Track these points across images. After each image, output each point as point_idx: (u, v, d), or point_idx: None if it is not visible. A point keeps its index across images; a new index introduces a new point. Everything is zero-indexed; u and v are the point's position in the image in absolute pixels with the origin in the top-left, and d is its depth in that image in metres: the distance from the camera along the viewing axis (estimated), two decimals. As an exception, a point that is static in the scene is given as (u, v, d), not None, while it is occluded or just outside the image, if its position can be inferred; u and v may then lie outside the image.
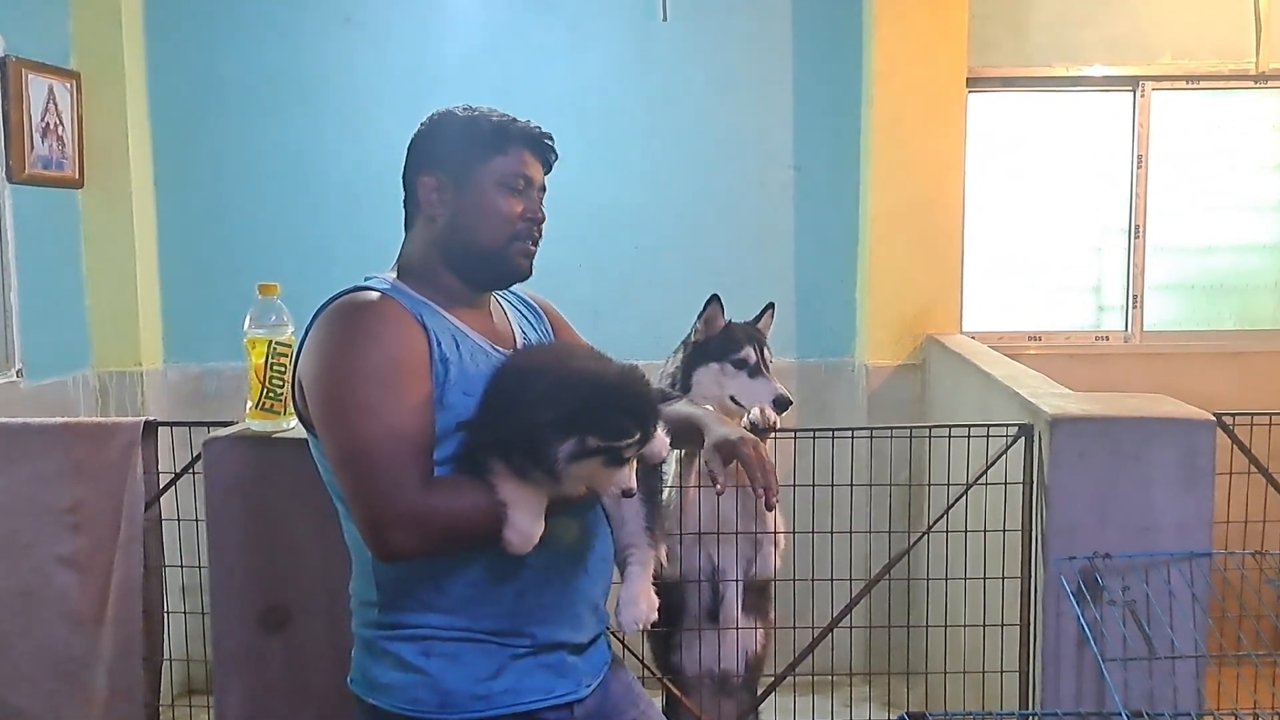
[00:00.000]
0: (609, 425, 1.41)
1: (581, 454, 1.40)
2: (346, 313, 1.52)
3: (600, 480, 1.45)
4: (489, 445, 1.45)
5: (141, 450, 2.21)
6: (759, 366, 2.40)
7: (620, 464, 1.43)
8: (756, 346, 2.42)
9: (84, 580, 2.21)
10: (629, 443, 1.42)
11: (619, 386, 1.44)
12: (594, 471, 1.43)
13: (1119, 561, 2.10)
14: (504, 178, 1.59)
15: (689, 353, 2.43)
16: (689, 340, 2.44)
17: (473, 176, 1.59)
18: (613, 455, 1.42)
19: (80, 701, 2.22)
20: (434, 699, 1.50)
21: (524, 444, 1.41)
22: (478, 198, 1.59)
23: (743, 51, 3.89)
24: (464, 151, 1.59)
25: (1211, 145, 4.04)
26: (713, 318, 2.44)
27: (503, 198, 1.59)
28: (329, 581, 2.02)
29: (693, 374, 2.40)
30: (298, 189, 3.88)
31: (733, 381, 2.38)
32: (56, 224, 3.62)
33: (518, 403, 1.44)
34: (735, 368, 2.39)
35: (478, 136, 1.59)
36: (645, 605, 1.68)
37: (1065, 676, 2.14)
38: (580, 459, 1.40)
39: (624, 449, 1.42)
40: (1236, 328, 4.10)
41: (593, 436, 1.40)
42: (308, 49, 3.85)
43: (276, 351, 2.03)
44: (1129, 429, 2.12)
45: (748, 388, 2.37)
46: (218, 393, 3.83)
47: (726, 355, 2.40)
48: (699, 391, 2.37)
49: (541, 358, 1.57)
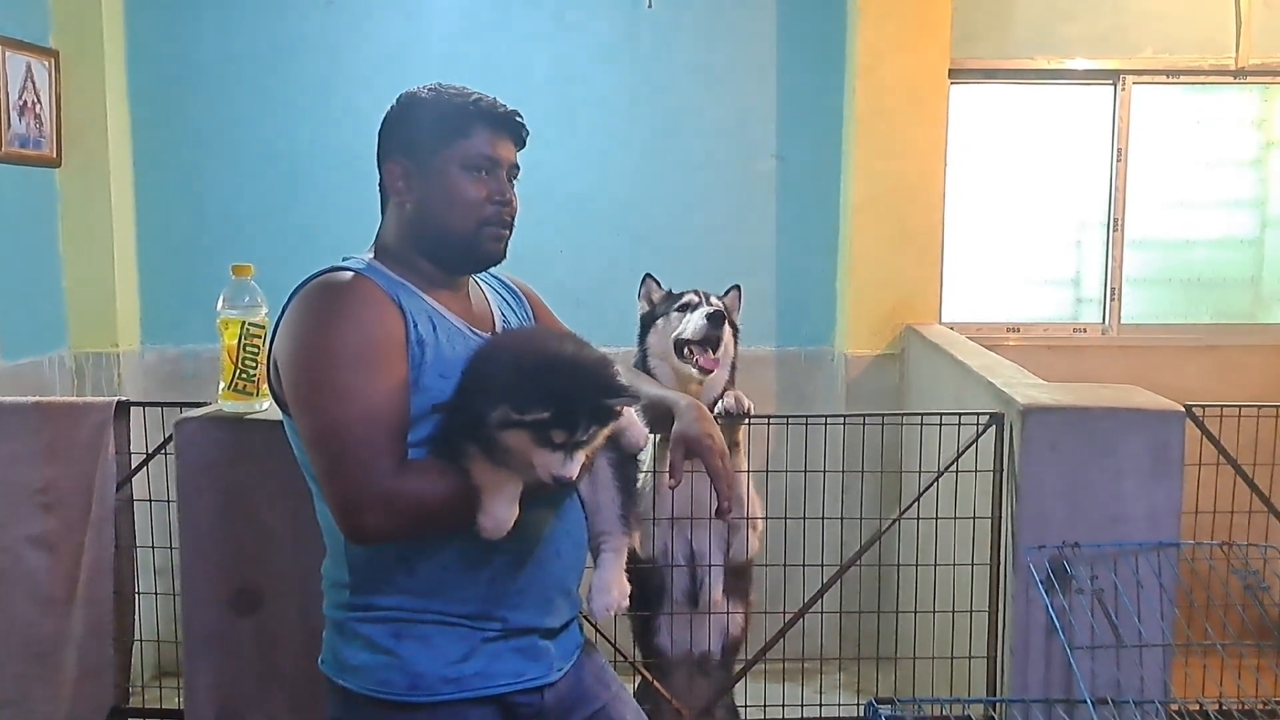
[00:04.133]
0: (526, 398, 1.38)
1: (504, 424, 1.38)
2: (322, 293, 1.52)
3: (536, 461, 1.41)
4: (462, 429, 1.44)
5: (113, 430, 2.21)
6: (700, 304, 2.47)
7: (549, 445, 1.40)
8: (701, 294, 2.50)
9: (54, 561, 2.20)
10: (538, 419, 1.38)
11: (559, 366, 1.42)
12: (525, 447, 1.40)
13: (1088, 551, 2.12)
14: (468, 160, 1.57)
15: (640, 329, 2.54)
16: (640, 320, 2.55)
17: (436, 161, 1.58)
18: (538, 433, 1.39)
19: (50, 682, 2.21)
20: (404, 681, 1.50)
21: (467, 410, 1.41)
22: (443, 183, 1.58)
23: (727, 40, 3.89)
24: (427, 137, 1.58)
25: (1191, 140, 4.06)
26: (649, 292, 2.56)
27: (468, 182, 1.58)
28: (300, 564, 2.01)
29: (646, 342, 2.51)
30: (278, 170, 3.86)
31: (676, 327, 2.46)
32: (33, 203, 3.59)
33: (476, 376, 1.43)
34: (679, 312, 2.48)
35: (439, 120, 1.58)
36: (617, 592, 1.68)
37: (1033, 663, 2.15)
38: (505, 429, 1.39)
39: (539, 426, 1.38)
40: (1213, 321, 4.12)
41: (511, 407, 1.38)
42: (289, 29, 3.82)
43: (250, 332, 2.03)
44: (1100, 419, 2.14)
45: (689, 322, 2.44)
46: (195, 374, 3.81)
47: (671, 308, 2.50)
48: (653, 356, 2.48)
49: (511, 340, 1.56)
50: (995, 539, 2.30)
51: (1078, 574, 2.10)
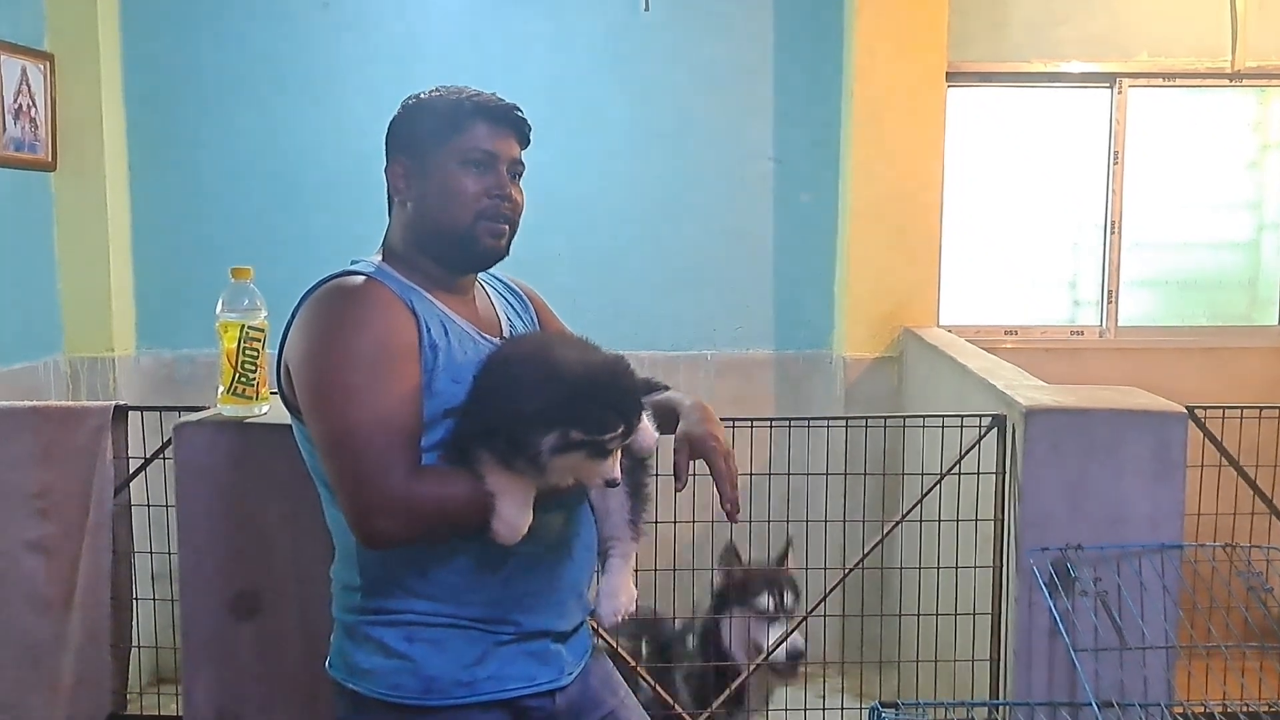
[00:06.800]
0: (593, 419, 1.39)
1: (565, 447, 1.39)
2: (336, 296, 1.51)
3: (584, 472, 1.44)
4: (476, 434, 1.44)
5: (111, 435, 2.19)
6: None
7: (604, 456, 1.42)
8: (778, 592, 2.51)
9: (51, 566, 2.18)
10: (612, 436, 1.41)
11: (605, 379, 1.42)
12: (577, 464, 1.42)
13: (1090, 552, 2.11)
14: (465, 155, 1.56)
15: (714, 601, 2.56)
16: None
17: (435, 158, 1.57)
18: (596, 448, 1.40)
19: (46, 688, 2.19)
20: (417, 685, 1.48)
21: (509, 435, 1.40)
22: (441, 179, 1.57)
23: (724, 44, 3.89)
24: (426, 134, 1.58)
25: (1187, 142, 4.07)
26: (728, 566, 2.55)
27: (465, 176, 1.56)
28: (300, 568, 2.00)
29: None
30: (274, 174, 3.85)
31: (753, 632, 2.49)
32: (28, 207, 3.58)
33: (504, 393, 1.42)
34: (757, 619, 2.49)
35: (437, 117, 1.58)
36: (625, 598, 1.67)
37: (1036, 666, 2.15)
38: (563, 452, 1.39)
39: (607, 442, 1.41)
40: (1210, 324, 4.13)
41: (576, 430, 1.38)
42: (285, 33, 3.82)
43: (249, 336, 2.01)
44: (1102, 421, 2.13)
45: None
46: (191, 379, 3.80)
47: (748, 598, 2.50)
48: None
49: (529, 347, 1.55)
50: (998, 541, 2.30)
51: (1081, 576, 2.10)
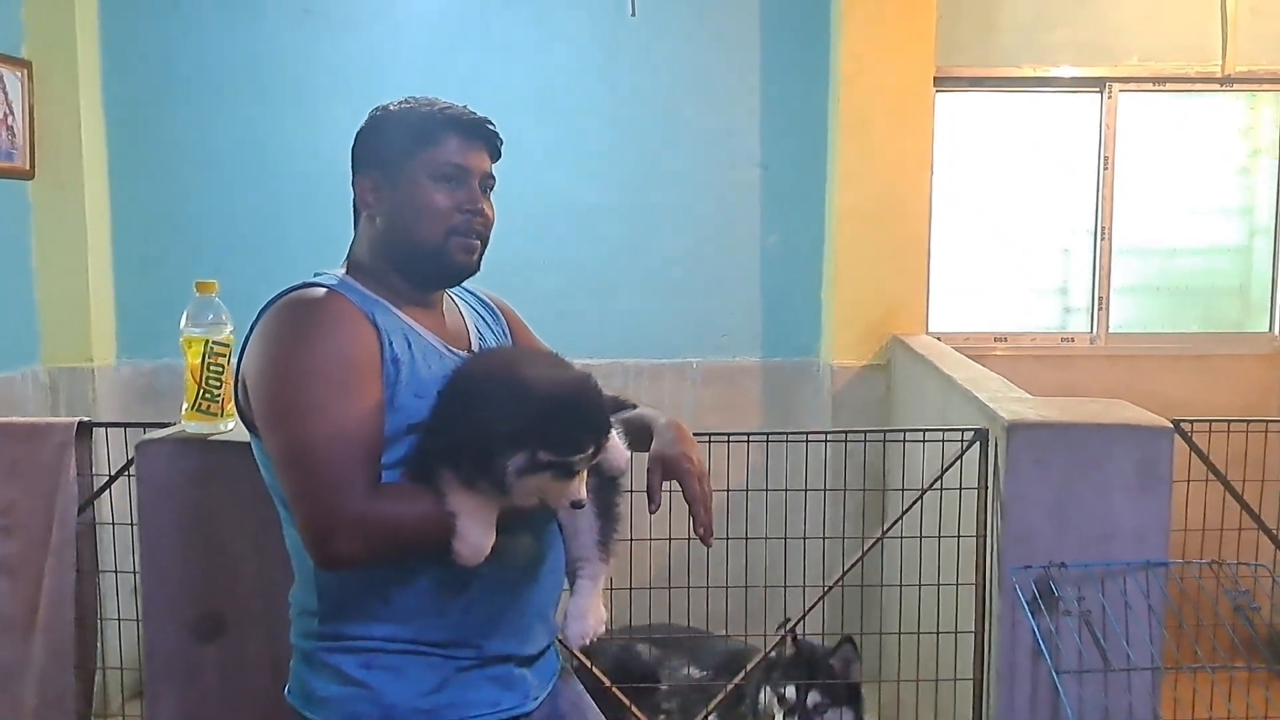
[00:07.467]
0: (561, 440, 1.35)
1: (531, 468, 1.35)
2: (294, 309, 1.47)
3: (549, 493, 1.40)
4: (439, 452, 1.40)
5: (75, 452, 2.15)
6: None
7: (570, 476, 1.38)
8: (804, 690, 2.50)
9: (14, 585, 2.14)
10: (580, 457, 1.37)
11: (573, 398, 1.38)
12: (543, 484, 1.38)
13: (1075, 570, 2.07)
14: (436, 169, 1.53)
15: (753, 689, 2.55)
16: None
17: (404, 172, 1.53)
18: (563, 469, 1.37)
19: (9, 711, 2.15)
20: (375, 713, 1.44)
21: (473, 454, 1.36)
22: (410, 193, 1.53)
23: (711, 49, 3.86)
24: (395, 148, 1.54)
25: (1178, 148, 4.03)
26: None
27: (437, 191, 1.53)
28: (266, 589, 1.96)
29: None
30: (255, 182, 3.81)
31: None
32: (6, 216, 3.54)
33: (470, 411, 1.39)
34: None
35: (406, 130, 1.54)
36: (593, 619, 1.63)
37: (1019, 687, 2.11)
38: (530, 473, 1.35)
39: (575, 463, 1.37)
40: (1201, 330, 4.10)
41: (543, 451, 1.34)
42: (266, 40, 3.78)
43: (214, 351, 1.97)
44: (1086, 435, 2.09)
45: None
46: (170, 389, 3.74)
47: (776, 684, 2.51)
48: None
49: (495, 364, 1.51)
50: (980, 558, 2.26)
51: (1064, 595, 2.05)
